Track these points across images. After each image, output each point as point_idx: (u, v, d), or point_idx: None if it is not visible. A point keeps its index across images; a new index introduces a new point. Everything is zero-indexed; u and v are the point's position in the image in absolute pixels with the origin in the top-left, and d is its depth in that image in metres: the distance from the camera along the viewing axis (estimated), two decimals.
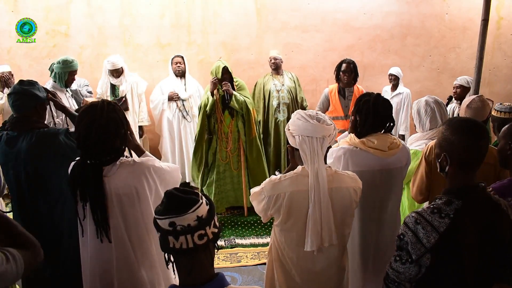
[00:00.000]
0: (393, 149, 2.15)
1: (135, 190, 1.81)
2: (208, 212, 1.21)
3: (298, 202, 1.70)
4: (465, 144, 1.45)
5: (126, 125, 1.86)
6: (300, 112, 1.78)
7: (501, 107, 2.78)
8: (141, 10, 5.15)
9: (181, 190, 1.23)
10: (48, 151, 2.31)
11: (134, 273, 1.86)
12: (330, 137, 1.74)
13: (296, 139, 1.73)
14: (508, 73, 5.99)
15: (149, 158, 1.93)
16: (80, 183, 1.79)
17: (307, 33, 5.52)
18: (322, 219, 1.68)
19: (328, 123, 1.74)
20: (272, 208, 1.74)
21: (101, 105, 1.78)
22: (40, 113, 2.44)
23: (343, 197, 1.74)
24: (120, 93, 4.69)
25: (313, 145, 1.69)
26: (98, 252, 1.85)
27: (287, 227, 1.76)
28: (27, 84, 2.41)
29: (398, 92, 5.16)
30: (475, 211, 1.43)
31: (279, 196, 1.71)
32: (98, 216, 1.78)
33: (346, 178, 1.79)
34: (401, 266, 1.46)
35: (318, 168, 1.68)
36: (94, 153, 1.77)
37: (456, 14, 5.70)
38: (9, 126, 2.38)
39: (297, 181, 1.72)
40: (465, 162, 1.47)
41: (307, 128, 1.70)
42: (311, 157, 1.68)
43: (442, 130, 1.52)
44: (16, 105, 2.36)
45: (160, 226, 1.19)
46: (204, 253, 1.20)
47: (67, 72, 3.79)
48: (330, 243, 1.72)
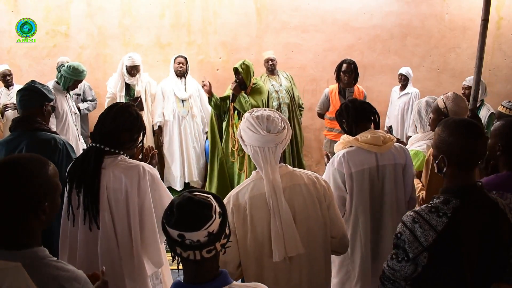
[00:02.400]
0: (387, 143, 2.18)
1: (125, 187, 1.85)
2: (220, 225, 1.17)
3: (258, 207, 1.63)
4: (463, 144, 1.45)
5: (140, 129, 1.97)
6: (249, 119, 1.65)
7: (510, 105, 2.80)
8: (141, 10, 5.15)
9: (194, 201, 1.15)
10: (48, 151, 2.33)
11: (116, 270, 1.88)
12: (282, 144, 1.66)
13: (248, 149, 1.67)
14: (508, 73, 5.99)
15: (151, 167, 1.98)
16: (79, 167, 1.85)
17: (307, 33, 5.52)
18: (283, 227, 1.59)
19: (279, 129, 1.63)
20: (237, 220, 1.63)
21: (125, 102, 1.99)
22: (44, 114, 2.50)
23: (299, 194, 1.66)
24: (136, 93, 4.70)
25: (265, 154, 1.63)
26: (87, 240, 1.89)
27: (250, 239, 1.64)
28: (38, 83, 2.54)
29: (406, 92, 5.15)
30: (473, 210, 1.43)
31: (240, 205, 1.63)
32: (89, 201, 1.82)
33: (303, 175, 1.71)
34: (397, 264, 1.47)
35: (273, 176, 1.61)
36: (102, 134, 1.87)
37: (456, 14, 5.70)
38: (13, 126, 2.43)
39: (254, 186, 1.65)
40: (463, 162, 1.46)
41: (258, 140, 1.61)
42: (265, 167, 1.62)
43: (438, 132, 1.53)
44: (23, 100, 2.44)
45: (168, 232, 1.16)
46: (211, 261, 1.19)
47: (73, 80, 3.82)
48: (296, 252, 1.61)
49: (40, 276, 1.14)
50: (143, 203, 1.88)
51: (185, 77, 4.87)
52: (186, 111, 4.87)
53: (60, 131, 3.78)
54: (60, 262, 1.22)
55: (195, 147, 5.03)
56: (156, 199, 1.92)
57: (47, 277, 1.16)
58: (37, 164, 1.23)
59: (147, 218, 1.88)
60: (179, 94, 4.80)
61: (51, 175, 1.25)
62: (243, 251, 1.65)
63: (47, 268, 1.18)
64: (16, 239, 1.19)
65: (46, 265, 1.18)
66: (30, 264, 1.15)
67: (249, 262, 1.66)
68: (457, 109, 2.42)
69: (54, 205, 1.26)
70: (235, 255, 1.65)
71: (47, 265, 1.18)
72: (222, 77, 5.30)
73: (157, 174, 1.97)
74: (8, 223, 1.18)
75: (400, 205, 2.24)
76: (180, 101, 4.84)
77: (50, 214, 1.25)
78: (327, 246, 1.72)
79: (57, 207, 1.29)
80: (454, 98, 2.46)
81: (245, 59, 4.37)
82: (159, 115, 4.89)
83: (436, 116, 2.49)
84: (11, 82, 4.66)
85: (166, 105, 4.87)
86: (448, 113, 2.42)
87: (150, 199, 1.90)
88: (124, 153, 1.93)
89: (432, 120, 2.53)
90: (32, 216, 1.20)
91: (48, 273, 1.17)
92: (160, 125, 4.94)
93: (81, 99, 4.75)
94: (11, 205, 1.17)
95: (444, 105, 2.46)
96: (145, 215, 1.88)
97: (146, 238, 1.89)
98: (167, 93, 4.85)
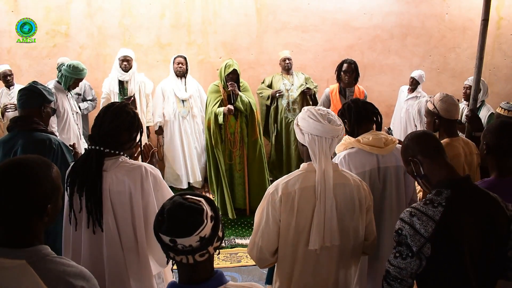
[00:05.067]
0: (389, 145, 2.17)
1: (129, 189, 1.85)
2: (212, 229, 1.16)
3: (306, 198, 1.71)
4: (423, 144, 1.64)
5: (138, 127, 1.95)
6: (311, 110, 1.75)
7: (509, 106, 2.81)
8: (141, 10, 5.15)
9: (185, 207, 1.14)
10: (42, 151, 2.34)
11: (121, 272, 1.88)
12: (338, 138, 1.75)
13: (305, 137, 1.73)
14: (508, 73, 6.00)
15: (153, 167, 1.97)
16: (81, 170, 1.84)
17: (307, 33, 5.52)
18: (325, 216, 1.68)
19: (337, 124, 1.74)
20: (284, 209, 1.71)
21: (120, 102, 1.97)
22: (42, 115, 2.50)
23: (343, 193, 1.74)
24: (128, 92, 4.70)
25: (322, 145, 1.70)
26: (90, 244, 1.88)
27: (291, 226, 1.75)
28: (40, 84, 2.56)
29: (414, 95, 4.98)
30: (465, 199, 1.48)
31: (290, 194, 1.70)
32: (92, 204, 1.82)
33: (349, 176, 1.79)
34: (402, 262, 1.47)
35: (325, 167, 1.68)
36: (100, 135, 1.85)
37: (456, 14, 5.70)
38: (10, 125, 2.44)
39: (305, 178, 1.72)
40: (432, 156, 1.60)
41: (317, 128, 1.70)
42: (319, 156, 1.69)
43: (405, 142, 1.69)
44: (22, 100, 2.46)
45: (161, 237, 1.16)
46: (205, 263, 1.19)
47: (74, 78, 3.83)
48: (332, 243, 1.71)
49: (45, 272, 1.15)
50: (147, 204, 1.88)
51: (185, 77, 4.87)
52: (186, 111, 4.87)
53: (62, 130, 3.80)
54: (63, 259, 1.24)
55: (196, 147, 5.03)
56: (159, 199, 1.91)
57: (52, 273, 1.17)
58: (43, 166, 1.24)
59: (151, 219, 1.87)
60: (179, 94, 4.79)
61: (55, 178, 1.27)
62: (284, 239, 1.74)
63: (52, 264, 1.19)
64: (19, 239, 1.20)
65: (50, 262, 1.19)
66: (35, 261, 1.16)
67: (287, 250, 1.75)
68: (446, 106, 2.44)
69: (56, 206, 1.28)
70: (273, 242, 1.75)
71: (51, 261, 1.20)
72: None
73: (159, 174, 1.97)
74: (12, 223, 1.20)
75: (401, 207, 2.23)
76: (180, 101, 4.84)
77: (52, 215, 1.27)
78: (357, 247, 1.81)
79: (59, 209, 1.31)
80: (441, 97, 2.48)
81: (231, 58, 4.32)
82: (160, 115, 4.89)
83: (429, 119, 2.53)
84: (11, 82, 4.66)
85: (166, 105, 4.86)
86: (439, 113, 2.44)
87: (153, 200, 1.89)
88: (124, 154, 1.93)
89: (427, 123, 2.56)
90: (36, 217, 1.21)
91: (54, 269, 1.18)
92: (161, 125, 4.94)
93: (81, 98, 4.75)
94: (17, 206, 1.18)
95: (434, 106, 2.48)
96: (149, 216, 1.88)
97: (150, 239, 1.89)
98: (167, 93, 4.84)
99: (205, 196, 1.23)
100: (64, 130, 3.81)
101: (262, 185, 4.36)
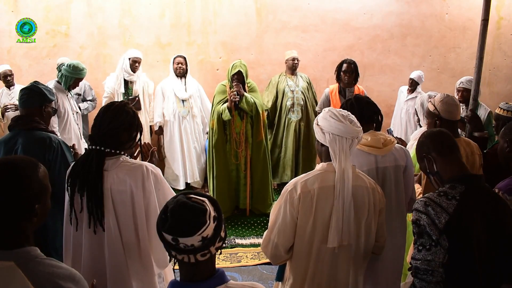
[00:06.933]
0: (387, 145, 2.18)
1: (130, 189, 1.84)
2: (214, 230, 1.17)
3: (324, 197, 1.73)
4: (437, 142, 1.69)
5: (138, 127, 1.95)
6: (332, 110, 1.78)
7: (508, 106, 2.81)
8: (141, 10, 5.15)
9: (188, 207, 1.15)
10: (42, 149, 2.36)
11: (122, 272, 1.88)
12: (358, 139, 1.77)
13: (326, 136, 1.76)
14: (508, 73, 6.00)
15: (154, 166, 1.97)
16: (81, 170, 1.84)
17: (307, 33, 5.52)
18: (344, 216, 1.70)
19: (358, 125, 1.77)
20: (302, 207, 1.74)
21: (120, 101, 1.96)
22: (43, 114, 2.51)
23: (360, 195, 1.77)
24: (133, 92, 4.71)
25: (342, 144, 1.72)
26: (91, 244, 1.88)
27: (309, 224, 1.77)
28: (41, 84, 2.57)
29: (414, 95, 4.95)
30: (478, 196, 1.51)
31: (309, 193, 1.73)
32: (93, 204, 1.81)
33: (365, 179, 1.83)
34: (427, 253, 1.48)
35: (345, 166, 1.71)
36: (100, 135, 1.84)
37: (456, 14, 5.70)
38: (11, 125, 2.45)
39: (324, 177, 1.75)
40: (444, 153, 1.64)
41: (339, 128, 1.72)
42: (339, 155, 1.71)
43: (421, 139, 1.74)
44: (23, 99, 2.48)
45: (163, 236, 1.16)
46: (206, 263, 1.20)
47: (74, 78, 3.84)
48: (348, 241, 1.74)
49: (34, 274, 1.14)
50: (148, 203, 1.88)
51: (185, 77, 4.86)
52: (186, 111, 4.87)
53: (63, 130, 3.81)
54: (53, 260, 1.22)
55: (196, 147, 5.03)
56: (161, 198, 1.91)
57: (41, 275, 1.15)
58: (29, 166, 1.23)
59: (153, 218, 1.87)
60: (179, 94, 4.79)
61: (42, 177, 1.25)
62: (301, 237, 1.77)
63: (41, 266, 1.18)
64: (8, 240, 1.18)
65: (39, 264, 1.18)
66: (23, 263, 1.15)
67: (303, 248, 1.78)
68: (446, 107, 2.44)
69: (45, 206, 1.26)
70: (289, 239, 1.78)
71: (40, 263, 1.18)
72: (222, 77, 5.28)
73: (160, 173, 1.97)
74: (0, 224, 1.18)
75: (400, 207, 2.24)
76: (180, 101, 4.84)
77: (41, 216, 1.25)
78: (368, 248, 1.84)
79: (47, 209, 1.29)
80: (441, 98, 2.48)
81: (240, 59, 4.31)
82: (159, 115, 4.89)
83: (430, 119, 2.53)
84: (12, 82, 4.66)
85: (166, 105, 4.86)
86: (440, 114, 2.44)
87: (155, 199, 1.89)
88: (125, 153, 1.93)
89: (428, 124, 2.56)
90: (24, 218, 1.20)
91: (42, 271, 1.16)
92: (160, 125, 4.94)
93: (81, 99, 4.76)
94: (3, 207, 1.17)
95: (434, 107, 2.48)
96: (150, 215, 1.88)
97: (152, 239, 1.89)
98: (167, 93, 4.84)
99: (209, 196, 1.23)
100: (65, 130, 3.82)
101: (265, 186, 4.35)
